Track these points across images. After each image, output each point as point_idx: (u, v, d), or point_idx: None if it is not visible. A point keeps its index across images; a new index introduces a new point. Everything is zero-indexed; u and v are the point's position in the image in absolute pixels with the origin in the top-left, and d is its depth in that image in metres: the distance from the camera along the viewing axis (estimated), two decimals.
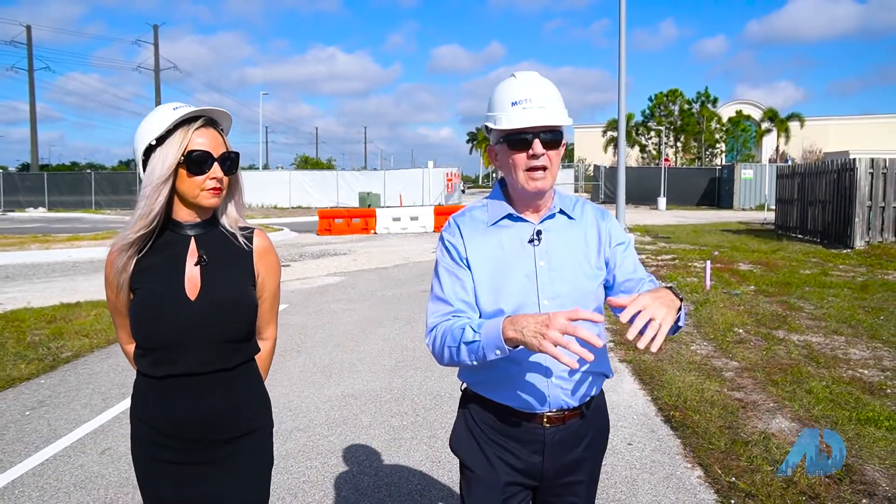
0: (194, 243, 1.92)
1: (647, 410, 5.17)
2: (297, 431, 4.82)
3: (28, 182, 47.73)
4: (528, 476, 1.93)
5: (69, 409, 5.41)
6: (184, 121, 1.86)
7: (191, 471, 1.91)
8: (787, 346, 6.90)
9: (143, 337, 1.89)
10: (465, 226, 1.95)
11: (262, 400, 2.04)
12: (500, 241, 1.90)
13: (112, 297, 1.97)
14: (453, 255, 1.92)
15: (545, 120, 1.81)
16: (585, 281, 1.90)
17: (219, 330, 1.89)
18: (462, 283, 1.89)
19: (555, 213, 1.94)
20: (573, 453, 1.94)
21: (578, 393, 1.89)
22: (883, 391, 5.48)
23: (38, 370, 6.51)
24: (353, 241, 21.31)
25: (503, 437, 1.92)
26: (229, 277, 1.93)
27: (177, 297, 1.87)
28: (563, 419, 1.90)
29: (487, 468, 1.93)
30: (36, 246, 18.93)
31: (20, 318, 8.77)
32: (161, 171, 1.82)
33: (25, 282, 12.85)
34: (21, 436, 4.83)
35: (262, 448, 2.02)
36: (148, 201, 1.84)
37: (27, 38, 55.66)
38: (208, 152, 1.86)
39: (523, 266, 1.88)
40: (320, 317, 8.99)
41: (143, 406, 1.94)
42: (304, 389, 5.80)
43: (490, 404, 1.93)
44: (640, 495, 3.80)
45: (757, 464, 4.06)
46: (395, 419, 5.05)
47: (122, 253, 1.87)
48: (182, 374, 1.87)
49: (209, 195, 1.88)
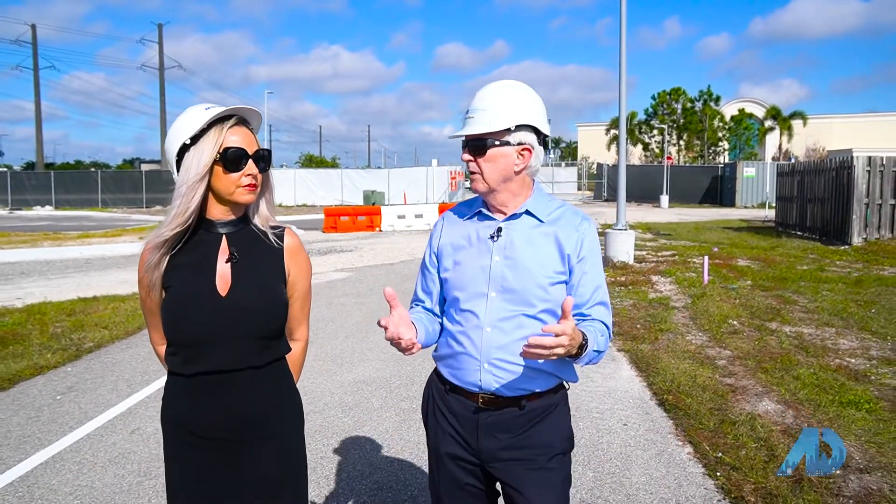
0: (225, 241, 1.94)
1: (643, 395, 5.48)
2: (313, 413, 5.14)
3: (35, 180, 48.13)
4: (467, 451, 2.06)
5: (97, 394, 5.73)
6: (217, 120, 1.89)
7: (221, 471, 1.92)
8: (778, 337, 7.20)
9: (174, 334, 1.90)
10: (448, 216, 2.19)
11: (294, 399, 2.05)
12: (467, 233, 2.08)
13: (144, 296, 1.98)
14: (427, 248, 2.18)
15: (467, 130, 1.98)
16: (540, 280, 1.97)
17: (249, 327, 1.90)
18: (425, 278, 2.17)
19: (520, 213, 2.03)
20: (509, 437, 2.01)
21: (513, 384, 1.98)
22: (867, 378, 5.77)
23: (64, 359, 6.84)
24: (358, 238, 21.65)
25: (448, 410, 2.08)
26: (260, 275, 1.95)
27: (208, 293, 1.88)
28: (498, 405, 2.00)
29: (434, 437, 2.12)
30: (48, 243, 19.30)
31: (41, 311, 9.10)
32: (197, 170, 1.85)
33: (40, 278, 13.18)
34: (55, 417, 5.16)
35: (294, 447, 2.04)
36: (184, 199, 1.86)
37: (32, 37, 56.12)
38: (243, 149, 1.89)
39: (481, 259, 2.02)
40: (330, 310, 9.31)
41: (173, 406, 1.96)
42: (317, 376, 6.12)
43: (442, 378, 2.11)
44: (634, 469, 4.11)
45: (742, 441, 4.37)
46: (404, 402, 5.37)
47: (156, 251, 1.89)
48: (212, 371, 1.88)
49: (245, 192, 1.91)
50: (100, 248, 17.95)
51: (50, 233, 23.33)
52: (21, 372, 6.29)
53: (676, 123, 57.53)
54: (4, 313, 9.05)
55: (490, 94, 2.00)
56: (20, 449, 4.54)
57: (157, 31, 57.23)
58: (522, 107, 1.98)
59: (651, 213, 32.24)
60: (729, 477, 3.91)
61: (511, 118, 1.95)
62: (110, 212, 41.54)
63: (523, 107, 1.98)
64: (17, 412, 5.28)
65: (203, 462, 1.91)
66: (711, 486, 3.86)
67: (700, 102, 57.67)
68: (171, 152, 1.90)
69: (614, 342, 7.07)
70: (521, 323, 1.96)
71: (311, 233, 23.65)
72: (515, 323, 1.97)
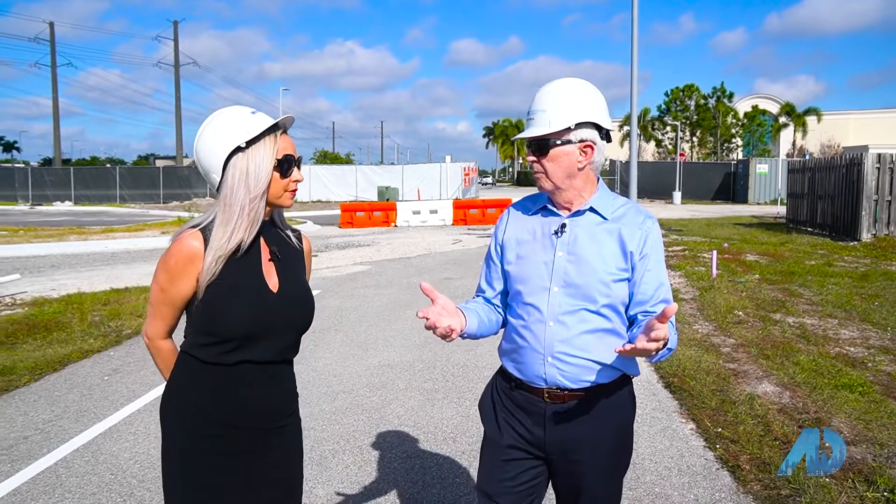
0: (263, 240, 2.00)
1: (650, 378, 5.85)
2: (342, 393, 5.55)
3: (54, 176, 48.97)
4: (533, 445, 2.09)
5: (140, 375, 6.17)
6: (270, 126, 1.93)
7: (241, 460, 1.97)
8: (781, 327, 7.54)
9: (222, 327, 1.90)
10: (514, 211, 2.22)
11: (297, 394, 2.16)
12: (532, 227, 2.12)
13: (170, 289, 1.93)
14: (493, 242, 2.22)
15: (529, 133, 2.03)
16: (602, 276, 1.99)
17: (297, 320, 2.01)
18: (490, 270, 2.22)
19: (584, 210, 2.06)
20: (574, 433, 2.05)
21: (577, 377, 2.01)
22: (864, 365, 6.11)
23: (106, 344, 7.30)
24: (374, 233, 22.08)
25: (513, 405, 2.12)
26: (297, 272, 2.06)
27: (262, 289, 1.95)
28: (563, 398, 2.04)
29: (496, 431, 2.15)
30: (74, 237, 19.87)
31: (78, 301, 9.57)
32: (260, 179, 1.89)
33: (71, 270, 13.69)
34: (106, 395, 5.60)
35: (298, 433, 2.15)
36: (252, 210, 1.90)
37: (50, 35, 57.02)
38: (295, 155, 1.97)
39: (545, 254, 2.05)
40: (353, 300, 9.74)
41: (198, 395, 1.95)
42: (345, 360, 6.54)
43: (507, 374, 2.15)
44: (640, 442, 4.47)
45: (741, 418, 4.74)
46: (427, 384, 5.77)
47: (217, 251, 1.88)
48: (259, 361, 1.94)
49: (290, 196, 1.99)
50: (123, 242, 18.48)
51: (74, 227, 23.93)
52: (68, 356, 6.75)
53: (689, 120, 57.61)
54: (43, 303, 9.54)
55: (549, 94, 2.04)
56: (80, 421, 4.98)
57: (173, 29, 58.07)
58: (581, 104, 2.01)
59: (663, 210, 32.47)
60: (727, 449, 4.28)
61: (570, 117, 1.99)
62: (128, 207, 42.22)
63: (582, 104, 2.02)
64: (71, 390, 5.73)
65: (224, 451, 1.94)
66: (711, 456, 4.24)
67: (713, 99, 57.68)
68: (217, 155, 1.89)
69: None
70: (583, 317, 2.00)
71: (328, 228, 24.11)
72: (578, 317, 2.00)
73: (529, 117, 2.06)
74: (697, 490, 3.79)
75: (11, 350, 6.95)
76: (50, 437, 4.70)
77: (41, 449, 4.48)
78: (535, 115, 2.03)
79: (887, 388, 5.38)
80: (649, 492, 3.79)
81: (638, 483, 3.88)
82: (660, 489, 3.82)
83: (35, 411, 5.21)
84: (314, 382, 5.85)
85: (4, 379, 5.93)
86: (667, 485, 3.87)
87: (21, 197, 46.86)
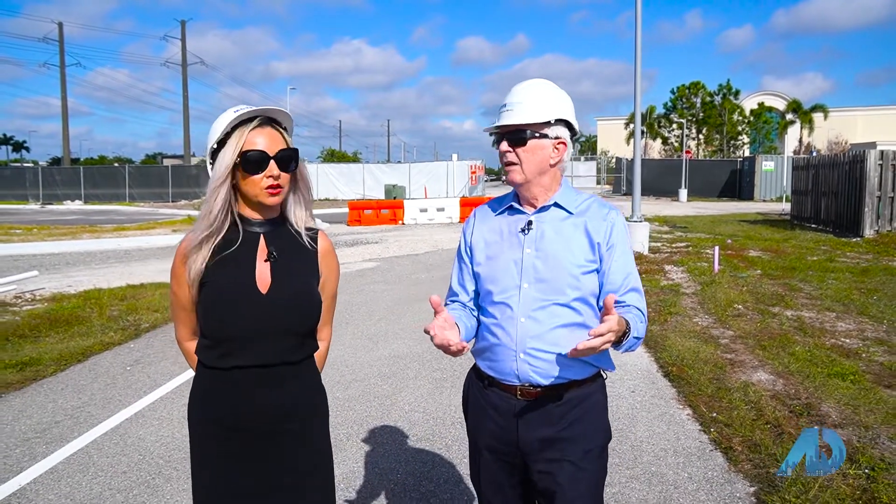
0: (263, 240, 1.98)
1: (650, 368, 6.09)
2: (355, 382, 5.80)
3: (64, 175, 49.41)
4: (506, 444, 2.09)
5: (161, 366, 6.44)
6: (241, 122, 1.91)
7: (250, 463, 1.96)
8: (780, 320, 7.75)
9: (215, 329, 1.92)
10: (479, 214, 2.23)
11: (321, 394, 2.11)
12: (499, 227, 2.13)
13: (178, 292, 2.00)
14: (462, 244, 2.23)
15: (507, 120, 2.02)
16: (571, 269, 2.01)
17: (288, 323, 1.95)
18: (461, 271, 2.22)
19: (549, 206, 2.08)
20: (548, 430, 2.04)
21: (549, 372, 2.01)
22: (858, 355, 6.32)
23: (125, 337, 7.57)
24: (382, 230, 22.35)
25: (486, 403, 2.12)
26: (297, 274, 2.00)
27: (249, 290, 1.92)
28: (535, 395, 2.04)
29: (475, 431, 2.18)
30: (87, 235, 20.23)
31: (96, 296, 9.86)
32: (219, 173, 1.89)
33: (86, 267, 14.00)
34: (129, 384, 5.87)
35: (322, 436, 2.09)
36: (208, 203, 1.91)
37: (59, 36, 57.46)
38: (262, 151, 1.89)
39: (513, 252, 2.06)
40: (362, 295, 10.00)
41: (204, 400, 1.98)
42: (356, 352, 6.79)
43: (480, 373, 2.16)
44: (638, 426, 4.72)
45: (735, 404, 4.97)
46: (436, 373, 6.02)
47: (195, 252, 1.92)
48: (251, 365, 1.92)
49: (268, 194, 1.92)
50: (136, 240, 18.81)
51: (87, 226, 24.29)
52: (91, 348, 7.03)
53: (696, 117, 57.61)
54: (62, 298, 9.84)
55: (527, 88, 2.07)
56: (106, 408, 5.25)
57: (180, 28, 58.33)
58: (558, 102, 2.06)
59: (669, 207, 32.62)
60: (721, 432, 4.51)
61: (550, 112, 2.03)
62: (137, 206, 42.61)
63: (559, 102, 2.06)
64: (96, 379, 6.00)
65: (233, 454, 1.95)
66: (705, 439, 4.47)
67: (719, 97, 57.69)
68: (207, 157, 1.97)
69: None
70: (554, 312, 2.01)
71: (336, 226, 24.38)
72: (548, 312, 2.01)
73: (506, 109, 2.05)
74: (691, 469, 4.03)
75: (35, 343, 7.24)
76: (79, 421, 4.97)
77: (72, 432, 4.75)
78: (514, 106, 2.04)
79: (878, 377, 5.59)
80: (646, 471, 4.02)
81: (635, 463, 4.12)
82: (656, 468, 4.06)
83: (63, 399, 5.48)
84: (327, 372, 6.06)
85: (32, 369, 6.21)
86: (662, 464, 4.11)
87: (32, 196, 47.31)
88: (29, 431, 4.78)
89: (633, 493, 3.75)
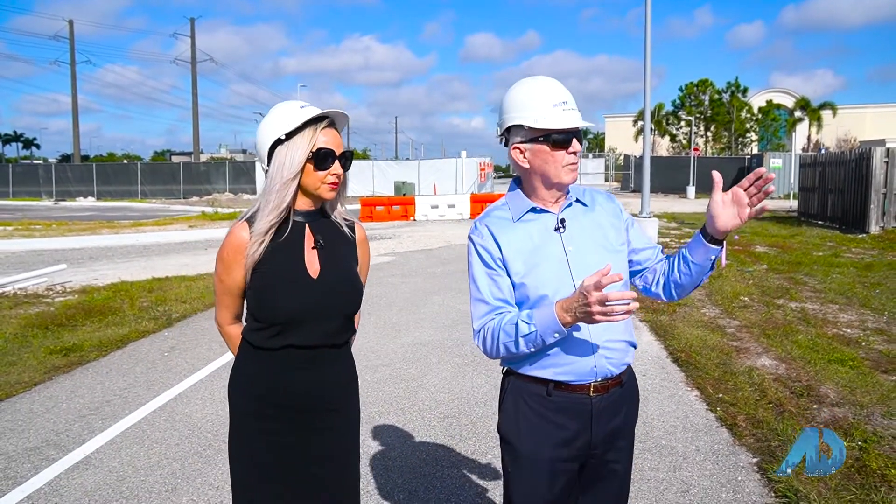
0: (309, 229, 2.11)
1: (660, 354, 6.43)
2: (382, 366, 6.17)
3: (77, 172, 50.00)
4: (577, 448, 2.03)
5: (196, 352, 6.82)
6: (310, 120, 2.02)
7: (295, 439, 2.09)
8: (784, 311, 8.08)
9: (267, 312, 2.04)
10: (493, 226, 2.05)
11: (356, 377, 2.27)
12: (528, 233, 2.04)
13: (225, 279, 2.11)
14: (485, 259, 2.03)
15: (578, 122, 1.98)
16: (610, 257, 2.03)
17: (338, 306, 2.10)
18: (497, 284, 2.02)
19: (571, 202, 2.09)
20: (615, 421, 2.07)
21: (620, 361, 2.04)
22: (858, 344, 6.64)
23: (159, 326, 7.96)
24: (394, 226, 22.73)
25: (552, 411, 2.01)
26: (342, 260, 2.14)
27: (302, 275, 2.05)
28: (607, 388, 2.03)
29: (532, 448, 2.03)
30: (106, 231, 20.69)
31: (124, 289, 10.26)
32: (291, 167, 1.99)
33: (108, 262, 14.41)
34: (168, 368, 6.26)
35: (355, 420, 2.26)
36: (279, 195, 2.01)
37: (69, 33, 58.12)
38: (332, 150, 2.04)
39: (554, 252, 2.02)
40: (381, 287, 10.37)
41: (251, 379, 2.11)
42: (380, 339, 7.16)
43: (540, 382, 2.02)
44: (649, 405, 5.06)
45: (740, 386, 5.31)
46: (458, 359, 6.38)
47: (257, 239, 2.02)
48: (301, 345, 2.05)
49: (328, 189, 2.06)
50: (154, 235, 19.25)
51: (104, 222, 24.77)
52: (127, 335, 7.42)
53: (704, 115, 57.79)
54: (91, 291, 10.24)
55: (562, 86, 2.04)
56: (151, 389, 5.63)
57: (190, 26, 58.89)
58: None
59: (677, 204, 32.88)
60: (726, 410, 4.86)
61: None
62: (149, 202, 43.17)
63: None
64: (137, 364, 6.39)
65: (274, 431, 2.08)
66: (712, 417, 4.81)
67: (727, 94, 57.84)
68: (263, 144, 2.04)
69: (636, 312, 8.01)
70: None
71: None
72: None
73: (568, 107, 1.99)
74: (699, 443, 4.37)
75: (73, 331, 7.63)
76: (128, 401, 5.35)
77: (123, 410, 5.13)
78: (573, 105, 2.01)
79: (876, 363, 5.92)
80: (657, 444, 4.37)
81: (647, 437, 4.46)
82: (666, 442, 4.40)
83: (110, 381, 5.87)
84: (355, 357, 6.45)
85: (76, 355, 6.60)
86: (672, 439, 4.45)
87: (45, 193, 47.96)
88: (83, 409, 5.17)
89: (645, 463, 4.09)
